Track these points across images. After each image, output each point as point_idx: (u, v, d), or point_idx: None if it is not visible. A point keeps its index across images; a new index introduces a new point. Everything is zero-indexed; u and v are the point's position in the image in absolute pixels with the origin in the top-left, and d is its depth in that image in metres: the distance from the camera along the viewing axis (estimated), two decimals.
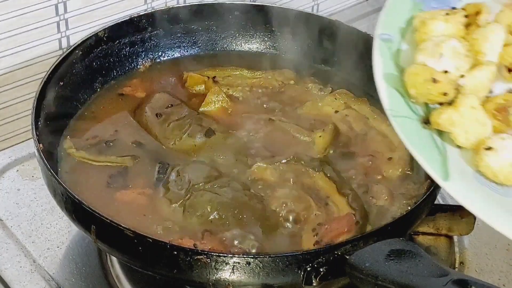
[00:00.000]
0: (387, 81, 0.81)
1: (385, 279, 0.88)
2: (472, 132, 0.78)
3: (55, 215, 1.17)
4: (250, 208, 1.03)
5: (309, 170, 1.09)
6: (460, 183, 0.75)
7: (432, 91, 0.80)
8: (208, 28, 1.34)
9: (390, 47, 0.84)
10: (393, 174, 1.11)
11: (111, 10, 1.35)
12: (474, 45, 0.83)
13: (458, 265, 1.15)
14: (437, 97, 0.80)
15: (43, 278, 1.09)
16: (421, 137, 0.78)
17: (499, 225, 0.72)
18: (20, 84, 1.31)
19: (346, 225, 1.02)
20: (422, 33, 0.84)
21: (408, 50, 0.85)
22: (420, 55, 0.83)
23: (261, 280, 0.92)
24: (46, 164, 1.00)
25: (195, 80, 1.26)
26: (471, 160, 0.77)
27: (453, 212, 1.12)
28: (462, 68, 0.82)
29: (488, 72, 0.82)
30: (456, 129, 0.78)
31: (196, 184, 1.05)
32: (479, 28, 0.85)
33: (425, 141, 0.78)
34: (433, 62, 0.82)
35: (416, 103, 0.82)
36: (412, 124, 0.79)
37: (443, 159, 0.76)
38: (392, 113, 0.79)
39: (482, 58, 0.83)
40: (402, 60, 0.84)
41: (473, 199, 0.73)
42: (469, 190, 0.74)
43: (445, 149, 0.78)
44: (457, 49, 0.82)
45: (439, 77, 0.79)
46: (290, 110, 1.21)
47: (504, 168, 0.75)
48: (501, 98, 0.81)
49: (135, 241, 0.92)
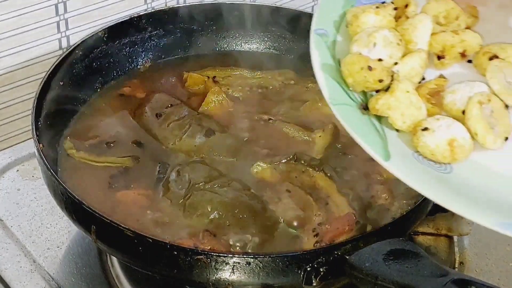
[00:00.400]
0: (325, 72, 0.85)
1: (385, 279, 0.88)
2: (408, 115, 0.81)
3: (55, 215, 1.17)
4: (250, 208, 1.03)
5: (309, 169, 1.09)
6: (401, 162, 0.78)
7: (369, 78, 0.83)
8: (208, 28, 1.34)
9: (326, 41, 0.88)
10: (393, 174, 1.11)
11: (111, 10, 1.35)
12: (405, 35, 0.87)
13: (458, 265, 1.15)
14: (374, 85, 0.83)
15: (43, 278, 1.09)
16: (361, 123, 0.82)
17: (441, 199, 0.75)
18: (20, 84, 1.31)
19: (346, 225, 1.02)
20: (355, 26, 0.88)
21: (342, 43, 0.89)
22: (354, 45, 0.86)
23: (261, 280, 0.92)
24: (46, 164, 1.00)
25: (195, 80, 1.26)
26: (409, 142, 0.81)
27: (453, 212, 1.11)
28: (395, 56, 0.86)
29: (419, 59, 0.86)
30: (393, 113, 0.81)
31: (196, 184, 1.05)
32: (408, 19, 0.89)
33: (365, 126, 0.81)
34: (367, 52, 0.85)
35: (354, 92, 0.85)
36: (352, 111, 0.83)
37: (384, 142, 0.80)
38: (332, 102, 0.83)
39: (413, 47, 0.88)
40: (337, 52, 0.88)
41: (415, 176, 0.77)
42: (410, 168, 0.78)
43: (384, 133, 0.81)
44: (389, 39, 0.86)
45: (374, 64, 0.83)
46: (290, 110, 1.21)
47: (441, 146, 0.79)
48: (433, 83, 0.85)
49: (135, 241, 0.92)
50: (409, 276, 0.87)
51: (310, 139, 1.15)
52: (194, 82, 1.26)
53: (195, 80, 1.26)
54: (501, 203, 0.76)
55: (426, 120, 0.81)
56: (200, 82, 1.25)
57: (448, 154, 0.80)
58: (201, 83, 1.25)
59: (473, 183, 0.78)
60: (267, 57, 1.34)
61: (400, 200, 1.07)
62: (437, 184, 0.77)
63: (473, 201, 0.76)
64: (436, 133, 0.80)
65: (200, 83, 1.25)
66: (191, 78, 1.26)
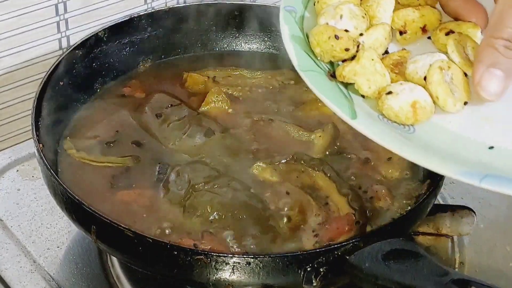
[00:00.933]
0: (294, 42, 0.91)
1: (385, 279, 0.88)
2: (374, 81, 0.87)
3: (55, 215, 1.17)
4: (250, 208, 1.03)
5: (309, 169, 1.09)
6: (367, 121, 0.84)
7: (336, 47, 0.88)
8: (208, 28, 1.34)
9: (294, 16, 0.94)
10: (392, 174, 1.11)
11: (111, 10, 1.35)
12: (369, 11, 0.93)
13: (458, 265, 1.15)
14: (340, 53, 0.88)
15: (43, 278, 1.09)
16: (329, 88, 0.87)
17: (406, 152, 0.81)
18: (20, 84, 1.31)
19: (346, 225, 1.02)
20: (321, 3, 0.94)
21: (310, 18, 0.95)
22: (322, 18, 0.91)
23: (261, 280, 0.92)
24: (46, 164, 1.00)
25: (195, 80, 1.26)
26: (374, 106, 0.86)
27: (453, 212, 1.12)
28: (360, 28, 0.91)
29: (383, 30, 0.92)
30: (359, 79, 0.87)
31: (196, 184, 1.05)
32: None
33: (333, 91, 0.87)
34: (334, 23, 0.90)
35: (322, 62, 0.90)
36: (320, 77, 0.88)
37: (350, 103, 0.86)
38: (301, 68, 0.88)
39: (376, 22, 0.93)
40: (305, 26, 0.93)
41: (381, 133, 0.82)
42: (375, 126, 0.84)
43: (351, 98, 0.87)
44: (355, 12, 0.91)
45: (341, 34, 0.88)
46: (290, 110, 1.21)
47: (404, 108, 0.84)
48: (396, 55, 0.91)
49: (135, 241, 0.92)
50: (409, 276, 0.87)
51: (310, 139, 1.15)
52: (194, 82, 1.26)
53: (195, 80, 1.26)
54: (460, 157, 0.81)
55: (390, 85, 0.86)
56: (200, 82, 1.25)
57: (411, 116, 0.84)
58: (201, 83, 1.25)
59: (434, 142, 0.83)
60: (267, 57, 1.34)
61: (400, 200, 1.07)
62: (402, 140, 0.82)
63: (436, 155, 0.81)
64: (399, 96, 0.84)
65: (200, 83, 1.25)
66: (191, 78, 1.26)
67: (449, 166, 0.79)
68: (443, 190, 1.24)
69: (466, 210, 1.11)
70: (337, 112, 0.84)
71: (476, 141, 0.84)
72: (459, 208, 1.12)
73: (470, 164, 0.80)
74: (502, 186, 0.77)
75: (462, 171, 0.78)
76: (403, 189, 1.09)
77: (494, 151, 0.82)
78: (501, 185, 0.77)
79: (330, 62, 0.90)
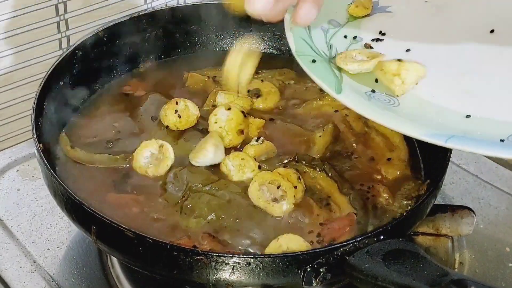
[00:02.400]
0: (294, 30, 0.97)
1: (385, 279, 0.88)
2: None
3: (55, 215, 1.18)
4: (248, 210, 1.03)
5: (310, 170, 1.09)
6: (352, 95, 0.90)
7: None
8: (208, 28, 1.34)
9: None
10: (393, 174, 1.11)
11: (111, 10, 1.35)
12: None
13: (458, 265, 1.15)
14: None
15: (43, 278, 1.09)
16: (320, 68, 0.94)
17: (394, 125, 0.86)
18: (20, 84, 1.31)
19: (347, 225, 1.02)
20: None
21: None
22: None
23: (261, 280, 0.92)
24: (46, 164, 1.00)
25: (195, 80, 1.26)
26: (366, 83, 0.93)
27: (453, 212, 1.12)
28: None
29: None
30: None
31: (193, 186, 1.05)
32: None
33: (324, 70, 0.93)
34: None
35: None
36: (314, 60, 0.95)
37: (338, 81, 0.92)
38: (298, 53, 0.95)
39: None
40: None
41: (365, 106, 0.89)
42: (360, 99, 0.90)
43: (342, 78, 0.93)
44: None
45: None
46: (290, 110, 1.21)
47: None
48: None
49: (135, 242, 0.92)
50: (408, 276, 0.87)
51: (310, 139, 1.15)
52: (195, 81, 1.26)
53: (195, 80, 1.26)
54: (434, 123, 0.87)
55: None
56: (200, 81, 1.25)
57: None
58: (201, 82, 1.25)
59: (415, 112, 0.89)
60: (267, 57, 1.33)
61: (400, 200, 1.07)
62: (383, 111, 0.89)
63: (409, 120, 0.87)
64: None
65: (200, 83, 1.25)
66: (191, 78, 1.26)
67: (418, 129, 0.84)
68: (443, 190, 1.24)
69: (466, 210, 1.11)
70: (323, 86, 0.90)
71: (455, 111, 0.89)
72: (459, 208, 1.12)
73: (442, 128, 0.85)
74: (466, 145, 0.82)
75: (430, 133, 0.84)
76: (403, 189, 1.09)
77: (470, 119, 0.88)
78: (466, 144, 0.82)
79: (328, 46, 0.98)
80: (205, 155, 1.07)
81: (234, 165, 1.07)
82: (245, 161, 1.07)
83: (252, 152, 1.09)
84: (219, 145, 1.08)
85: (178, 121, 1.14)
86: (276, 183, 1.04)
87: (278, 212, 1.03)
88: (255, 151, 1.10)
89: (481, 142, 0.83)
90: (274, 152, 1.11)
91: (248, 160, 1.07)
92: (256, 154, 1.10)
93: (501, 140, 0.83)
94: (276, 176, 1.04)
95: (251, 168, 1.07)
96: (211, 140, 1.08)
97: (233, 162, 1.07)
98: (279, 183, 1.04)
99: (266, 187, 1.04)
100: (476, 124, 0.87)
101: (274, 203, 1.03)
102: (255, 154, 1.09)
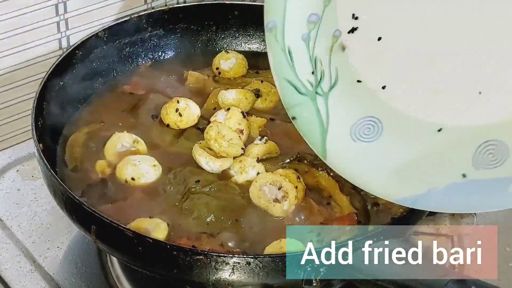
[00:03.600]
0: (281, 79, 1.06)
1: (385, 279, 0.88)
2: None
3: (55, 215, 1.17)
4: (248, 211, 1.03)
5: (312, 169, 1.09)
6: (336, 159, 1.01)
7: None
8: (208, 28, 1.34)
9: (275, 34, 1.05)
10: None
11: (111, 10, 1.35)
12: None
13: (458, 265, 1.15)
14: None
15: (43, 278, 1.09)
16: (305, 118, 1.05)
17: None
18: (20, 84, 1.31)
19: (348, 225, 1.02)
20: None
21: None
22: None
23: (261, 280, 0.92)
24: (46, 164, 1.00)
25: (196, 79, 1.26)
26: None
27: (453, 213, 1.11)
28: None
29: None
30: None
31: (192, 187, 1.05)
32: None
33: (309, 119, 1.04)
34: None
35: None
36: (294, 117, 1.05)
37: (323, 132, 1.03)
38: (287, 107, 1.05)
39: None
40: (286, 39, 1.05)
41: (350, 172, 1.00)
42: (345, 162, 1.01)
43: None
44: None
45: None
46: None
47: None
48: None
49: (135, 241, 0.92)
50: (409, 276, 0.87)
51: None
52: (195, 80, 1.26)
53: (195, 79, 1.26)
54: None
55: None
56: (200, 80, 1.25)
57: None
58: (201, 81, 1.25)
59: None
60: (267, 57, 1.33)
61: None
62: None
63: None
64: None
65: (201, 82, 1.25)
66: (191, 77, 1.26)
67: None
68: None
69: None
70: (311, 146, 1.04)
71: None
72: None
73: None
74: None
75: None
76: None
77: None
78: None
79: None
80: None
81: (235, 171, 1.08)
82: (244, 162, 1.07)
83: (256, 151, 1.09)
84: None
85: (179, 120, 1.14)
86: (278, 184, 1.03)
87: (280, 212, 1.03)
88: (259, 150, 1.10)
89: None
90: (277, 151, 1.11)
91: (248, 161, 1.07)
92: (259, 153, 1.10)
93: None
94: (278, 177, 1.04)
95: (252, 166, 1.08)
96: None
97: (234, 169, 1.08)
98: (281, 184, 1.03)
99: (267, 187, 1.04)
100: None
101: (276, 203, 1.03)
102: (258, 153, 1.09)
